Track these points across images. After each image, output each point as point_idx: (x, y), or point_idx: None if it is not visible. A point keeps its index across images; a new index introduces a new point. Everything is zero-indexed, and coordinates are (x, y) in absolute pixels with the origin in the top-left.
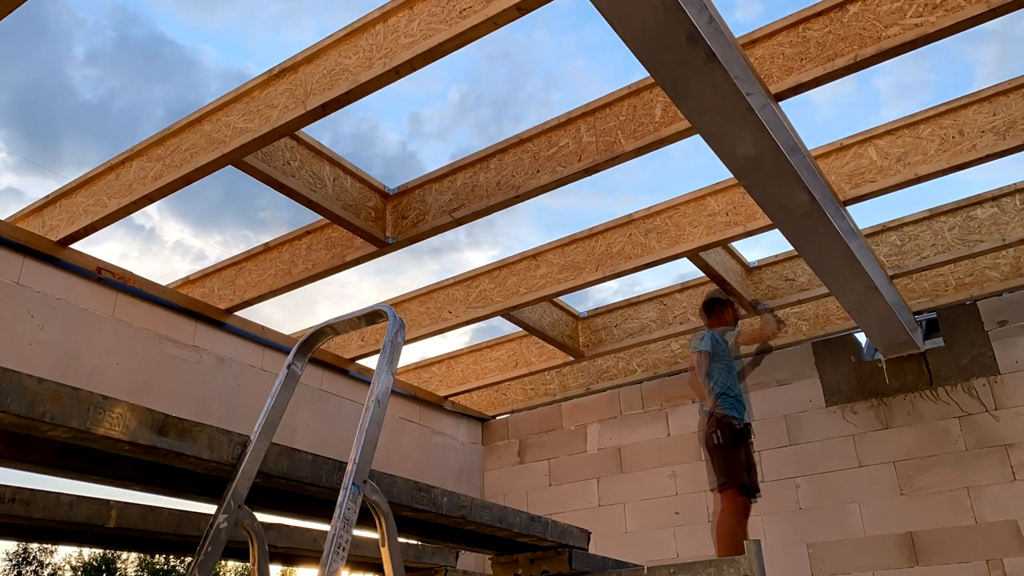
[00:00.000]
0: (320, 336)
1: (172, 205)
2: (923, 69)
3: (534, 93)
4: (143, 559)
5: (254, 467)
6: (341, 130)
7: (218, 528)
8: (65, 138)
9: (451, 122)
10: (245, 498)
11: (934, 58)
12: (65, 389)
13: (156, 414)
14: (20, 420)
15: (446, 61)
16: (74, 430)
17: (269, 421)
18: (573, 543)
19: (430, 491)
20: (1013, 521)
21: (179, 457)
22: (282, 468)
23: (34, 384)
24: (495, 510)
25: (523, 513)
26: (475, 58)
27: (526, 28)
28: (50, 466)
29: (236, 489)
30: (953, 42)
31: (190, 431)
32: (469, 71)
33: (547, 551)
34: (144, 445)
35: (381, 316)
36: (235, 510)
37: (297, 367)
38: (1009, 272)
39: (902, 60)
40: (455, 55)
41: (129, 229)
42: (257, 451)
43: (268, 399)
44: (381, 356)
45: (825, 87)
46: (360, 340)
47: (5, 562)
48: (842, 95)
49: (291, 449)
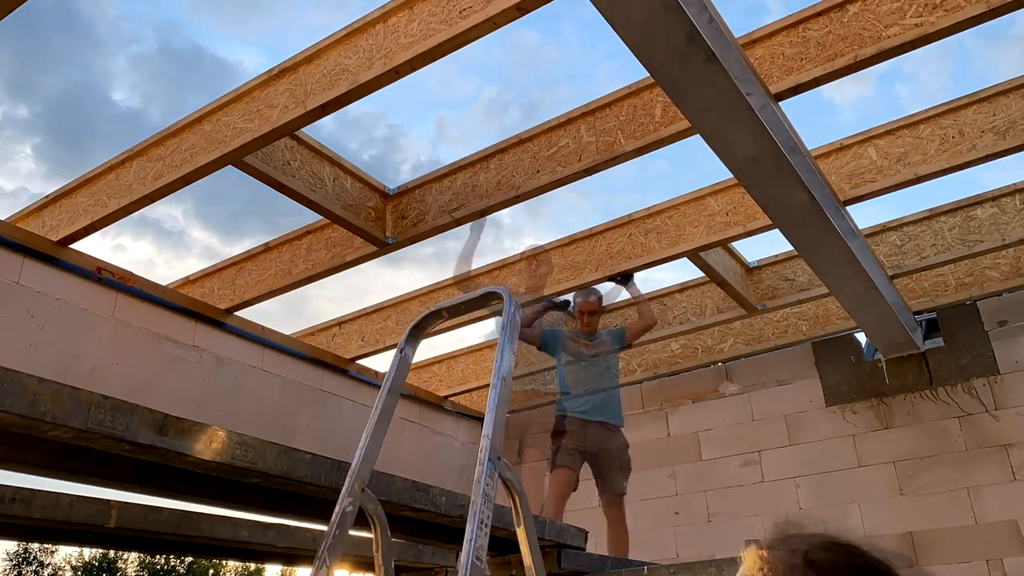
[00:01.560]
0: (432, 319)
1: (198, 208)
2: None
3: (562, 98)
4: (143, 559)
5: (375, 450)
6: (371, 133)
7: (344, 512)
8: (98, 147)
9: (475, 127)
10: (367, 482)
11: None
12: (65, 389)
13: (156, 413)
14: (22, 420)
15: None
16: (75, 430)
17: (386, 406)
18: (570, 542)
19: (428, 490)
20: (1013, 521)
21: (178, 457)
22: (281, 468)
23: (35, 384)
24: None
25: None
26: (503, 61)
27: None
28: (51, 468)
29: (360, 473)
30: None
31: (189, 430)
32: (496, 72)
33: (547, 550)
34: (145, 445)
35: (495, 297)
36: (359, 494)
37: (408, 352)
38: (1009, 272)
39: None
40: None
41: (158, 234)
42: (376, 435)
43: (385, 380)
44: (501, 335)
45: (850, 88)
46: (360, 340)
47: (5, 562)
48: (865, 98)
49: (290, 449)
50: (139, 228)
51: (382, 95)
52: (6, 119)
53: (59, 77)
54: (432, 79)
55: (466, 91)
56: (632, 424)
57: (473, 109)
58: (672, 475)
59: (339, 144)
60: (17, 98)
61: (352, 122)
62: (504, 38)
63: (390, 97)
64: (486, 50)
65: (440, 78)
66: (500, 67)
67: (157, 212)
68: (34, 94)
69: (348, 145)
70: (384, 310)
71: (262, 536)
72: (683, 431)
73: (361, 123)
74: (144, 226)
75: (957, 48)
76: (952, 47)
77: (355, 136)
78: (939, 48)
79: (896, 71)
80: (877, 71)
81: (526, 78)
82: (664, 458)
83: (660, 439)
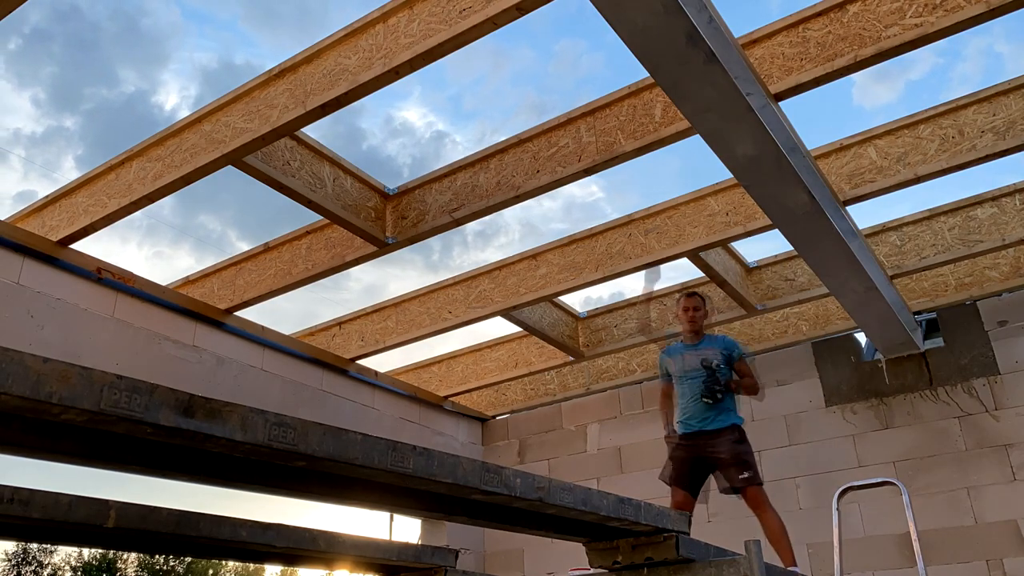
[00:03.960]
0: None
1: (237, 217)
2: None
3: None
4: (142, 559)
5: None
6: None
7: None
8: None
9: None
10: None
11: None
12: (74, 369)
13: (180, 393)
14: (25, 402)
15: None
16: (88, 412)
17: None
18: (674, 527)
19: (500, 472)
20: (1013, 521)
21: (209, 440)
22: (327, 450)
23: (38, 364)
24: (577, 492)
25: (610, 495)
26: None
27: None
28: (88, 456)
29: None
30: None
31: (220, 411)
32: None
33: (651, 536)
34: (169, 427)
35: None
36: None
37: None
38: (1009, 272)
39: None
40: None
41: (195, 244)
42: None
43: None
44: None
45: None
46: (360, 340)
47: (4, 562)
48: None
49: (336, 429)
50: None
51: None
52: (52, 130)
53: (108, 88)
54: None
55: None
56: (632, 424)
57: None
58: None
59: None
60: (63, 109)
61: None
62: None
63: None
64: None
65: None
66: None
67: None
68: (77, 105)
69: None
70: (384, 310)
71: (262, 536)
72: None
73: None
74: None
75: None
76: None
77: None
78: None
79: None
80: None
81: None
82: (664, 458)
83: (660, 439)
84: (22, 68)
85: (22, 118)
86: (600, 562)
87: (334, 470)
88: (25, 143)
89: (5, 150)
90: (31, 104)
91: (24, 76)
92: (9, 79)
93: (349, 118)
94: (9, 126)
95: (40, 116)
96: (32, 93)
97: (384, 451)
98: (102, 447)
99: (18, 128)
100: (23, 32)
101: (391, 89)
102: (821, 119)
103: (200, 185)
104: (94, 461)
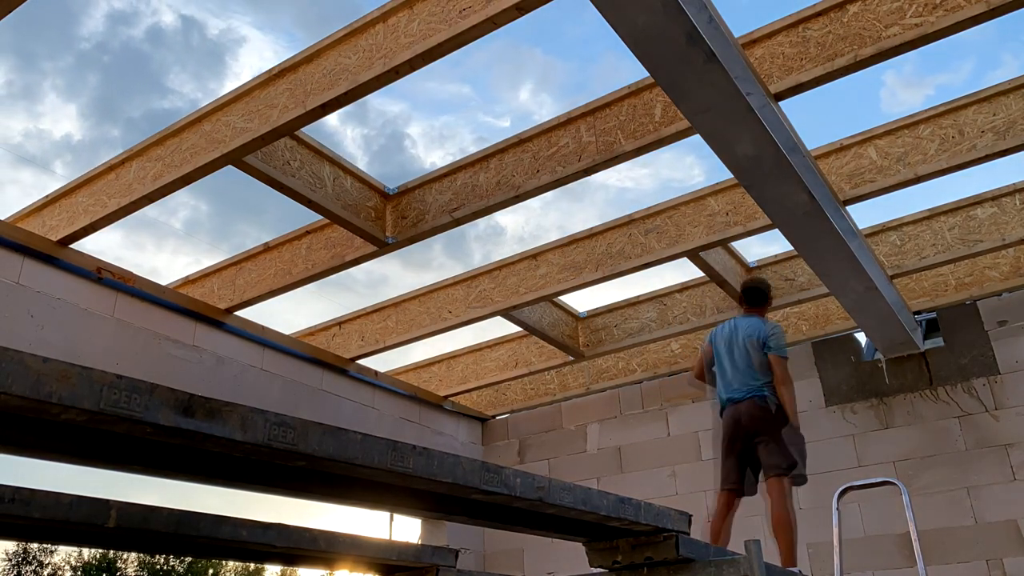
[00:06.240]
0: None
1: (257, 219)
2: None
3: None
4: (142, 559)
5: None
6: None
7: None
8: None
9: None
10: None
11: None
12: (74, 369)
13: (180, 393)
14: (25, 402)
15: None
16: (88, 412)
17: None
18: (674, 527)
19: (500, 472)
20: (1013, 521)
21: (208, 440)
22: (327, 450)
23: (38, 364)
24: (577, 491)
25: (610, 495)
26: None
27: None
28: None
29: None
30: None
31: (219, 411)
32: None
33: (651, 536)
34: (168, 427)
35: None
36: None
37: None
38: (1009, 272)
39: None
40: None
41: (218, 254)
42: None
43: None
44: None
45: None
46: (360, 340)
47: (5, 562)
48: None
49: (336, 428)
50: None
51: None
52: (99, 139)
53: (154, 97)
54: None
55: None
56: (632, 424)
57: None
58: (672, 475)
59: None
60: (105, 120)
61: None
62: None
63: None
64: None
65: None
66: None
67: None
68: (122, 115)
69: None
70: (384, 310)
71: (262, 536)
72: (683, 431)
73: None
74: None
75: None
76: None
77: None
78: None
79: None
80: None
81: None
82: (664, 458)
83: (660, 439)
84: (73, 79)
85: (68, 125)
86: (600, 562)
87: (334, 470)
88: (72, 149)
89: (47, 158)
90: (77, 114)
91: (75, 86)
92: (58, 91)
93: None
94: (55, 134)
95: (86, 127)
96: (79, 103)
97: (384, 451)
98: (102, 447)
99: (67, 133)
100: (78, 48)
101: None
102: (845, 121)
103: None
104: (94, 461)
